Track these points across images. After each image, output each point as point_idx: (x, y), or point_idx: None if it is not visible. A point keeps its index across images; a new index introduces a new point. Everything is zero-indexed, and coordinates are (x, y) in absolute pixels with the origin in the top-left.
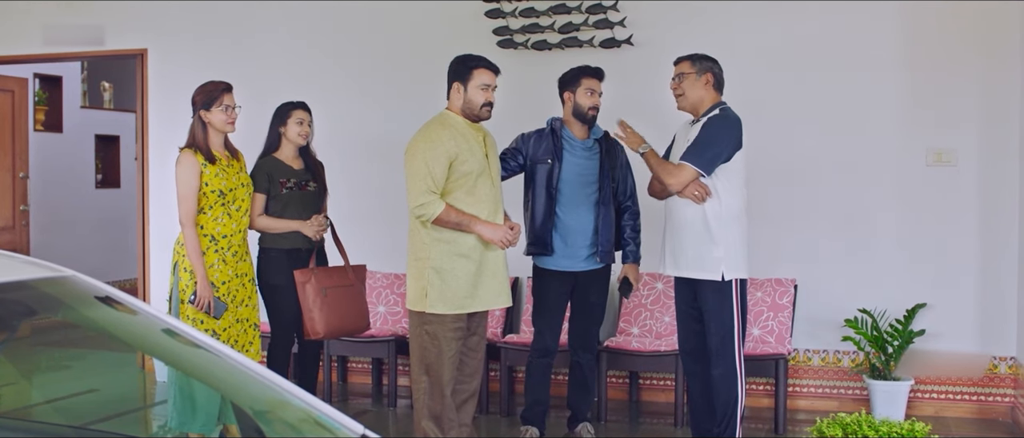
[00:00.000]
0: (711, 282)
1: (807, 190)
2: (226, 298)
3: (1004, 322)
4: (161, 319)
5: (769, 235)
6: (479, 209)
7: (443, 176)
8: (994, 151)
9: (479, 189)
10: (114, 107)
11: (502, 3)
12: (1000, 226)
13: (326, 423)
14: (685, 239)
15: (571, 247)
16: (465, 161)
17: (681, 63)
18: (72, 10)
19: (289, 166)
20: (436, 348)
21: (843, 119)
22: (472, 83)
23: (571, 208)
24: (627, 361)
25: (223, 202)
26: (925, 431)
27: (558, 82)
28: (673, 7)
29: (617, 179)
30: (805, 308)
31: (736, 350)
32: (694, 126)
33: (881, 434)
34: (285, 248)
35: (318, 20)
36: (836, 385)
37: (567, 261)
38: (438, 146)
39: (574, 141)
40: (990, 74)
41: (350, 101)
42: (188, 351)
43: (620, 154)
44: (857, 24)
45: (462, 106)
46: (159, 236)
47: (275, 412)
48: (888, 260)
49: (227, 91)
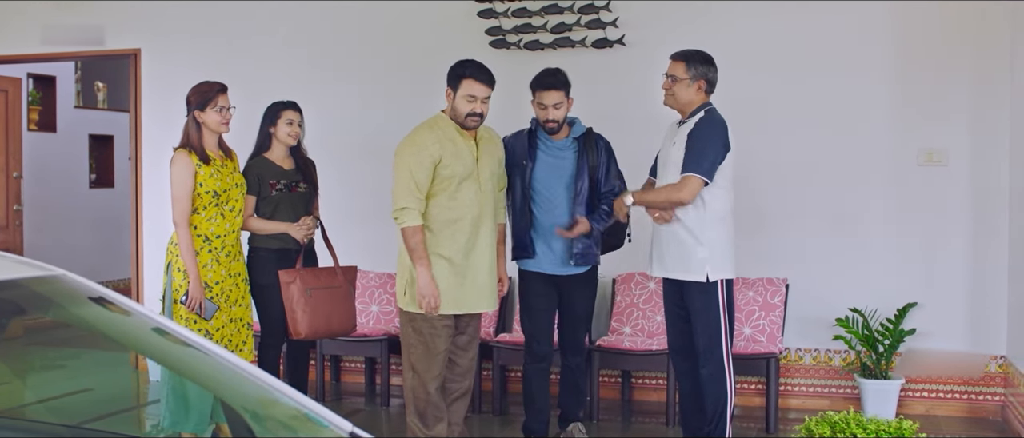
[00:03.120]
0: (696, 283)
1: (798, 190)
2: (219, 298)
3: (994, 321)
4: (152, 318)
5: (761, 234)
6: (461, 213)
7: (427, 181)
8: (984, 151)
9: (462, 194)
10: (108, 107)
11: (495, 3)
12: (990, 226)
13: (316, 421)
14: (670, 241)
15: (553, 250)
16: (447, 165)
17: (675, 63)
18: (66, 10)
19: (279, 167)
20: (421, 345)
21: (834, 119)
22: (460, 92)
23: (548, 209)
24: (619, 360)
25: (217, 203)
26: (913, 429)
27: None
28: (665, 8)
29: (597, 178)
30: (797, 307)
31: (724, 350)
32: (681, 128)
33: (869, 432)
34: (274, 248)
35: (311, 20)
36: (827, 384)
37: (548, 264)
38: (422, 150)
39: (549, 141)
40: (980, 74)
41: (344, 101)
42: (179, 350)
43: (602, 152)
44: (848, 25)
45: (450, 112)
46: (153, 236)
47: (265, 411)
48: (879, 259)
49: (222, 92)
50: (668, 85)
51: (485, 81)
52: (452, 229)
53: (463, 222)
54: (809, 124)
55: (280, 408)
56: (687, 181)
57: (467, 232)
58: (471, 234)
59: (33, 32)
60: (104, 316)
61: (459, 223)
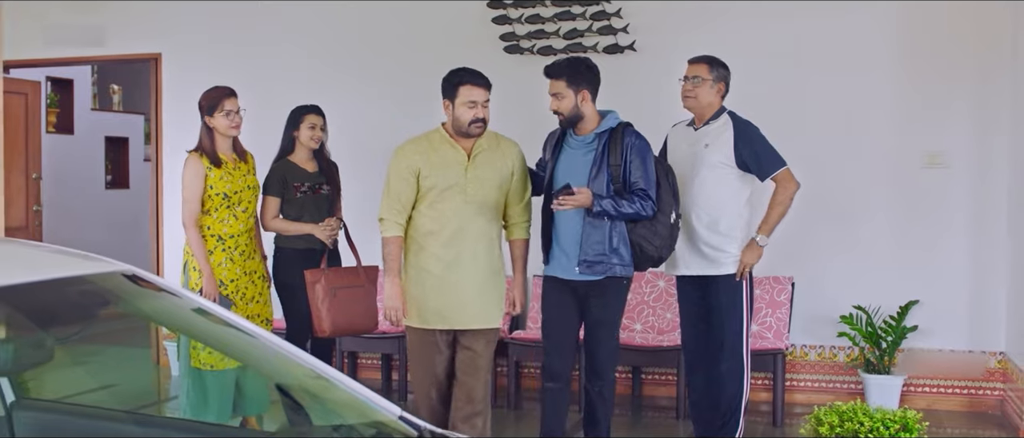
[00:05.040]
0: (726, 278)
1: (805, 190)
2: (235, 295)
3: (994, 319)
4: (217, 312)
5: None
6: (441, 225)
7: (408, 192)
8: (985, 153)
9: (443, 205)
10: (123, 109)
11: (508, 9)
12: (990, 226)
13: (366, 404)
14: (694, 239)
15: (566, 254)
16: (428, 177)
17: (698, 65)
18: (87, 14)
19: (303, 169)
20: (413, 357)
21: (841, 121)
22: (459, 100)
23: (563, 212)
24: (630, 356)
25: (228, 204)
26: (917, 418)
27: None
28: (674, 15)
29: (623, 177)
30: (802, 305)
31: (745, 344)
32: (704, 130)
33: (875, 421)
34: (300, 248)
35: (328, 25)
36: (832, 379)
37: (561, 269)
38: (401, 161)
39: (573, 137)
40: (983, 76)
41: (362, 104)
42: (240, 337)
43: (628, 150)
44: (854, 28)
45: (451, 123)
46: (173, 237)
47: (322, 394)
48: (882, 259)
49: (228, 96)
50: (691, 88)
51: (482, 84)
52: (433, 240)
53: (442, 233)
54: (815, 126)
55: (335, 392)
56: (783, 176)
57: (447, 244)
58: (451, 246)
59: (53, 36)
60: (168, 308)
61: (438, 235)
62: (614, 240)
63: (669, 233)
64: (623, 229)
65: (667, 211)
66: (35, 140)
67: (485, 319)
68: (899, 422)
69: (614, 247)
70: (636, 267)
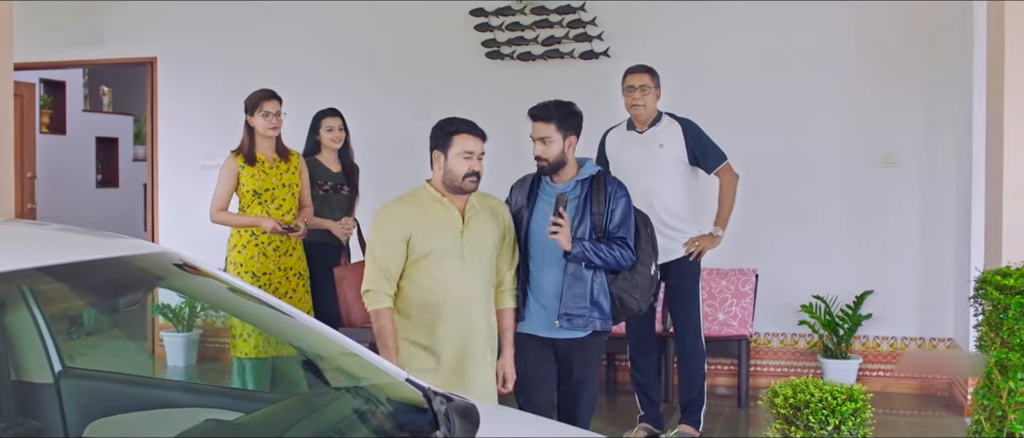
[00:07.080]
0: (685, 260)
1: (767, 188)
2: (267, 289)
3: (942, 307)
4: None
5: (733, 229)
6: (441, 295)
7: (396, 260)
8: (933, 152)
9: (441, 272)
10: (113, 110)
11: (490, 17)
12: (938, 221)
13: (374, 367)
14: (660, 232)
15: (546, 309)
16: (420, 242)
17: (642, 75)
18: (83, 17)
19: (328, 169)
20: None
21: (800, 123)
22: (453, 151)
23: (542, 264)
24: (609, 343)
25: (260, 201)
26: (862, 390)
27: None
28: (644, 21)
29: (605, 225)
30: (765, 295)
31: (702, 321)
32: (650, 133)
33: (824, 392)
34: (315, 242)
35: (323, 29)
36: (793, 364)
37: (541, 325)
38: (389, 224)
39: (548, 185)
40: (933, 81)
41: (361, 106)
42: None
43: (611, 199)
44: (814, 33)
45: (442, 177)
46: (167, 235)
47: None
48: (839, 252)
49: (267, 98)
50: (639, 96)
51: (478, 134)
52: (430, 315)
53: (444, 306)
54: (777, 128)
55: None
56: (725, 169)
57: (450, 318)
58: (457, 320)
59: (48, 39)
60: (208, 287)
61: (439, 308)
62: (595, 292)
63: (648, 285)
64: (603, 281)
65: (647, 262)
66: (29, 140)
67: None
68: (846, 393)
69: (595, 300)
70: (614, 320)
